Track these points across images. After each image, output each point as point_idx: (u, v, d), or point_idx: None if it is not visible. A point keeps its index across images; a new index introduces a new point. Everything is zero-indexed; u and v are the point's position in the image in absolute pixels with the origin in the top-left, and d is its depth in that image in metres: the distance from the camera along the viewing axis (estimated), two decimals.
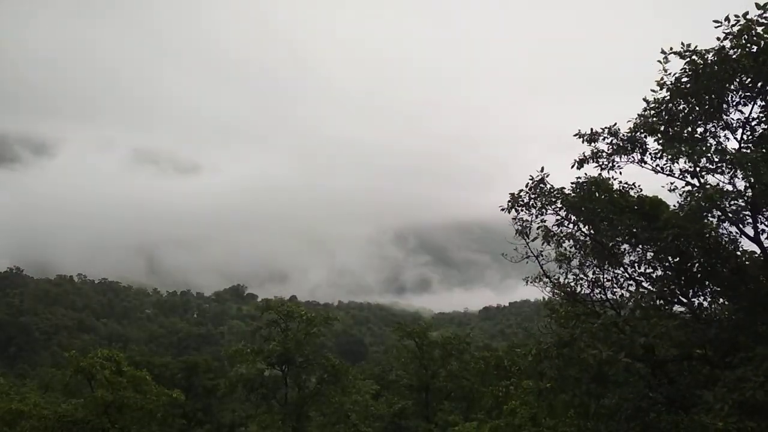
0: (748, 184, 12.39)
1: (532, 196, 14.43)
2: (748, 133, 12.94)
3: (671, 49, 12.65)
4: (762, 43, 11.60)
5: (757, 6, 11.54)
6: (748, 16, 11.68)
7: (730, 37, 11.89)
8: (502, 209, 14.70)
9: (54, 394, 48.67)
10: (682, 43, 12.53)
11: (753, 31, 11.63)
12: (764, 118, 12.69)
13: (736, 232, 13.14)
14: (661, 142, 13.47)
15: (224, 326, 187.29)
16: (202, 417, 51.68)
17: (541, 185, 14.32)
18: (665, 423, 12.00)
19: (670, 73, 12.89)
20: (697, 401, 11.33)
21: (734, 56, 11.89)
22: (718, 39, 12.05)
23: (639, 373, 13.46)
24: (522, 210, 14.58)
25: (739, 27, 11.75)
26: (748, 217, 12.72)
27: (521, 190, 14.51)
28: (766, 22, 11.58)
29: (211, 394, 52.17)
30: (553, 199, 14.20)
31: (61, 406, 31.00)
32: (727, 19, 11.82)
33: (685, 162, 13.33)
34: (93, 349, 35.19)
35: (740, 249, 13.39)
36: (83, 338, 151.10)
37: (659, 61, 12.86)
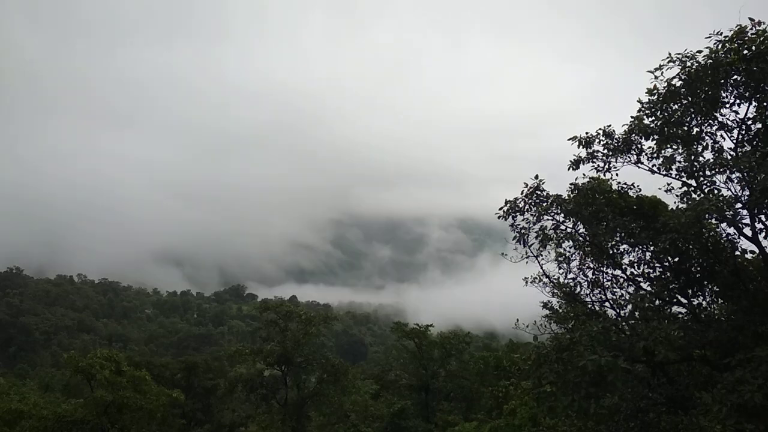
0: (745, 187, 12.41)
1: (529, 202, 14.47)
2: (744, 132, 12.99)
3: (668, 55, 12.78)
4: (753, 47, 11.74)
5: (751, 20, 11.99)
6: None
7: (723, 41, 12.16)
8: (499, 216, 14.74)
9: (54, 394, 48.69)
10: (669, 53, 12.79)
11: (746, 37, 11.93)
12: (759, 117, 12.74)
13: (734, 233, 13.16)
14: (656, 142, 13.52)
15: (224, 326, 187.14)
16: (202, 417, 51.63)
17: (537, 192, 14.37)
18: (664, 423, 12.01)
19: (661, 80, 13.01)
20: (696, 402, 11.35)
21: (727, 59, 12.02)
22: (710, 49, 12.37)
23: (638, 375, 13.47)
24: (518, 216, 14.62)
25: (731, 32, 12.07)
26: (745, 218, 12.74)
27: (517, 198, 14.58)
28: (759, 29, 11.91)
29: (210, 394, 52.12)
30: (550, 206, 14.23)
31: (60, 406, 31.01)
32: (719, 33, 12.25)
33: (681, 162, 13.36)
34: (93, 349, 35.18)
35: (739, 249, 13.41)
36: (83, 338, 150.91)
37: (651, 71, 12.98)
